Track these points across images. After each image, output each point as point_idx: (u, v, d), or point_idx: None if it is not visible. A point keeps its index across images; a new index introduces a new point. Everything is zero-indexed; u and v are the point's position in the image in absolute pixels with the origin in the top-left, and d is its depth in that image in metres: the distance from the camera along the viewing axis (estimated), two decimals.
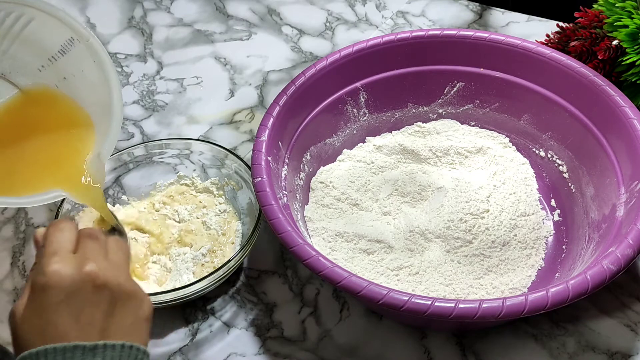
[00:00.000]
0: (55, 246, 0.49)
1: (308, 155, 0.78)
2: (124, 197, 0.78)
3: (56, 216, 0.71)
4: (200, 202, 0.78)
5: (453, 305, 0.57)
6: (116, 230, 0.65)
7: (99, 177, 0.66)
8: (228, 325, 0.71)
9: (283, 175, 0.72)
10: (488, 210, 0.73)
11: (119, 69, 0.99)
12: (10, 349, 0.70)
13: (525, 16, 1.01)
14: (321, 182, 0.78)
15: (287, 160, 0.74)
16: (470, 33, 0.78)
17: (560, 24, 0.82)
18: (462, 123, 0.83)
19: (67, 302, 0.47)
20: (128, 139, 0.90)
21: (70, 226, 0.51)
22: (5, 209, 0.83)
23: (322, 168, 0.79)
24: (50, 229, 0.51)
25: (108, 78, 0.67)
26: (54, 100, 0.70)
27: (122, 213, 0.76)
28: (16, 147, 0.68)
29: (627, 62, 0.74)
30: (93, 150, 0.67)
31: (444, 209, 0.73)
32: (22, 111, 0.70)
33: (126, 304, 0.49)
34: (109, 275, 0.48)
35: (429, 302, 0.57)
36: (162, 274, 0.72)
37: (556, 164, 0.77)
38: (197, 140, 0.79)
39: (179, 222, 0.76)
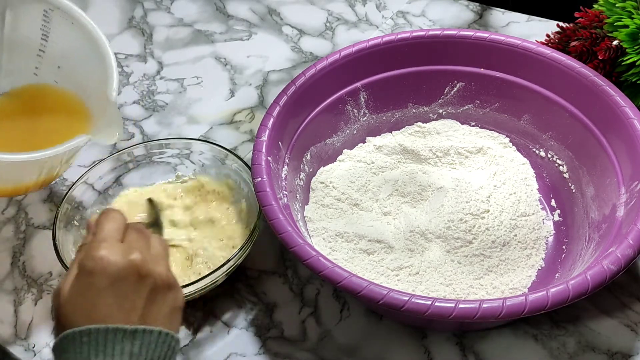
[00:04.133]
0: (105, 233, 0.52)
1: (308, 155, 0.78)
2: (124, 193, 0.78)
3: (56, 216, 0.71)
4: (200, 202, 0.78)
5: (453, 305, 0.57)
6: (155, 224, 0.69)
7: (116, 117, 0.67)
8: (228, 325, 0.71)
9: (283, 175, 0.72)
10: (488, 211, 0.73)
11: (119, 69, 0.99)
12: (11, 349, 0.70)
13: (525, 16, 1.01)
14: (321, 182, 0.78)
15: (287, 161, 0.74)
16: (470, 33, 0.78)
17: (561, 24, 0.82)
18: (462, 123, 0.83)
19: (112, 287, 0.49)
20: (128, 139, 0.90)
21: (120, 217, 0.54)
22: (5, 208, 0.83)
23: (322, 168, 0.79)
24: (102, 216, 0.54)
25: (88, 30, 0.68)
26: (51, 93, 0.71)
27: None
28: (28, 124, 0.68)
29: (628, 62, 0.74)
30: (101, 95, 0.68)
31: (444, 209, 0.73)
32: (19, 103, 0.71)
33: (165, 293, 0.52)
34: (152, 265, 0.51)
35: (429, 302, 0.57)
36: None
37: (556, 164, 0.77)
38: (197, 140, 0.79)
39: (179, 222, 0.76)
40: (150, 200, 0.67)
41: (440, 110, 0.83)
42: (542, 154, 0.79)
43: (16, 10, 0.67)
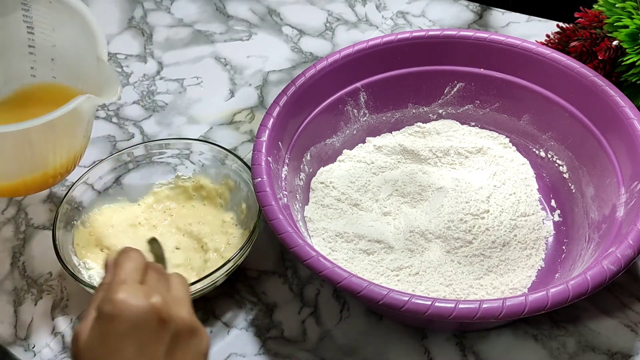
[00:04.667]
0: (125, 274, 0.49)
1: (308, 155, 0.78)
2: (122, 200, 0.78)
3: (56, 216, 0.71)
4: (200, 202, 0.78)
5: (453, 305, 0.57)
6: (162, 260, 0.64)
7: (112, 75, 0.66)
8: (228, 325, 0.71)
9: (283, 175, 0.72)
10: (488, 211, 0.73)
11: (119, 69, 0.99)
12: (10, 349, 0.70)
13: (525, 16, 1.01)
14: (321, 183, 0.78)
15: (287, 161, 0.74)
16: (470, 33, 0.78)
17: (561, 24, 0.82)
18: (462, 123, 0.83)
19: (132, 333, 0.46)
20: (128, 139, 0.90)
21: (140, 257, 0.51)
22: (5, 208, 0.83)
23: (322, 168, 0.79)
24: (121, 256, 0.51)
25: (66, 2, 0.68)
26: (49, 89, 0.71)
27: (128, 212, 0.76)
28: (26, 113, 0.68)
29: (627, 62, 0.74)
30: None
31: (444, 209, 0.73)
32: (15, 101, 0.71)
33: (188, 339, 0.49)
34: (174, 310, 0.48)
35: (429, 303, 0.57)
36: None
37: (556, 165, 0.77)
38: (197, 140, 0.79)
39: (179, 222, 0.76)
40: (153, 240, 0.66)
41: (440, 111, 0.83)
42: (542, 154, 0.79)
43: None
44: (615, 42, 0.75)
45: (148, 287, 0.49)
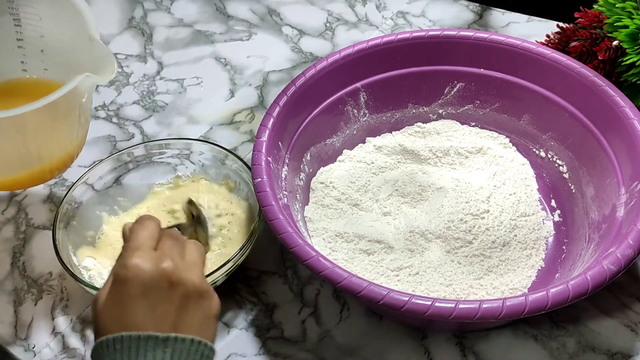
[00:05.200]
0: (139, 242, 0.52)
1: (308, 155, 0.78)
2: (122, 200, 0.78)
3: (56, 216, 0.71)
4: (200, 202, 0.78)
5: (453, 305, 0.57)
6: (197, 223, 0.67)
7: (106, 54, 0.66)
8: (228, 325, 0.71)
9: (283, 175, 0.72)
10: (488, 211, 0.73)
11: (119, 69, 0.99)
12: (11, 349, 0.70)
13: (525, 16, 1.01)
14: (321, 183, 0.78)
15: (287, 161, 0.74)
16: (470, 33, 0.78)
17: (561, 24, 0.82)
18: (462, 123, 0.83)
19: (144, 295, 0.49)
20: (128, 139, 0.90)
21: (154, 224, 0.54)
22: (5, 208, 0.83)
23: (322, 168, 0.79)
24: (135, 224, 0.54)
25: None
26: (39, 84, 0.70)
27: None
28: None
29: (627, 62, 0.74)
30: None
31: (444, 209, 0.73)
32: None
33: (198, 301, 0.51)
34: (184, 273, 0.51)
35: (429, 303, 0.57)
36: None
37: (556, 165, 0.77)
38: (197, 140, 0.79)
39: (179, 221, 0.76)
40: (190, 202, 0.68)
41: (440, 111, 0.83)
42: (542, 154, 0.79)
43: None
44: (615, 42, 0.75)
45: (161, 252, 0.52)
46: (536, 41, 0.80)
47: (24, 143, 0.66)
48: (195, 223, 0.67)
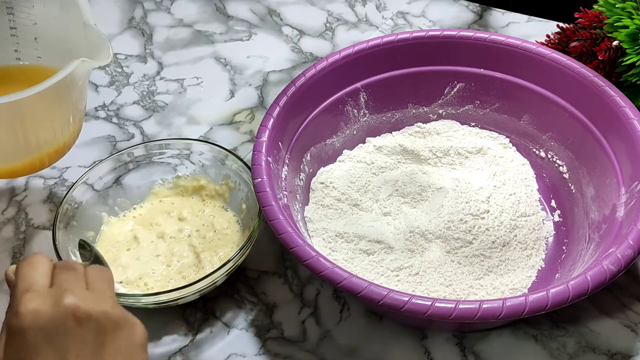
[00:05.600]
0: (28, 282, 0.45)
1: (308, 155, 0.78)
2: (122, 201, 0.78)
3: (56, 217, 0.71)
4: (200, 202, 0.78)
5: (453, 305, 0.57)
6: (97, 260, 0.61)
7: (101, 38, 0.65)
8: (228, 325, 0.71)
9: (283, 175, 0.72)
10: (488, 211, 0.73)
11: (119, 69, 0.99)
12: None
13: (525, 17, 1.01)
14: (321, 183, 0.78)
15: (287, 161, 0.74)
16: (470, 34, 0.79)
17: (561, 24, 0.82)
18: (462, 124, 0.83)
19: (48, 342, 0.42)
20: (128, 140, 0.90)
21: (43, 260, 0.47)
22: (5, 209, 0.83)
23: (322, 169, 0.79)
24: (20, 265, 0.47)
25: None
26: (34, 71, 0.70)
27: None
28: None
29: (627, 62, 0.74)
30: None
31: (444, 209, 0.73)
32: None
33: (116, 333, 0.45)
34: (91, 305, 0.44)
35: (429, 303, 0.57)
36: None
37: (556, 165, 0.77)
38: (197, 140, 0.79)
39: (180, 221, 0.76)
40: (82, 245, 0.62)
41: (440, 111, 0.83)
42: (542, 154, 0.79)
43: None
44: (615, 43, 0.75)
45: (58, 288, 0.45)
46: (536, 41, 0.80)
47: (21, 129, 0.64)
48: (94, 262, 0.59)
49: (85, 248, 0.62)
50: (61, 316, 0.43)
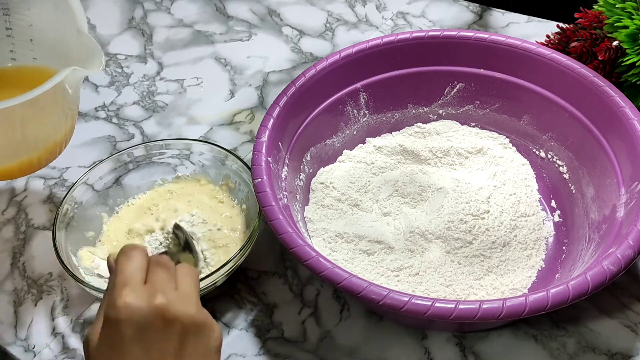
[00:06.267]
0: (126, 276, 0.49)
1: (308, 156, 0.78)
2: (122, 201, 0.78)
3: (56, 217, 0.71)
4: (200, 203, 0.78)
5: (453, 306, 0.57)
6: (186, 249, 0.66)
7: (94, 46, 0.65)
8: (228, 325, 0.71)
9: (283, 176, 0.72)
10: (488, 211, 0.73)
11: (119, 70, 0.99)
12: (10, 349, 0.70)
13: (525, 17, 1.02)
14: (321, 183, 0.78)
15: (287, 161, 0.74)
16: (470, 34, 0.78)
17: (561, 24, 0.82)
18: (462, 124, 0.83)
19: (138, 336, 0.47)
20: (128, 140, 0.90)
21: (140, 254, 0.51)
22: (5, 209, 0.83)
23: (322, 169, 0.79)
24: (121, 256, 0.50)
25: None
26: (32, 71, 0.70)
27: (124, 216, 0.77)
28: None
29: (627, 62, 0.74)
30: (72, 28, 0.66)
31: (444, 209, 0.73)
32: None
33: (197, 336, 0.48)
34: (179, 308, 0.48)
35: (429, 303, 0.57)
36: None
37: (556, 165, 0.77)
38: (197, 140, 0.79)
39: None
40: (177, 226, 0.66)
41: (440, 111, 0.83)
42: (542, 154, 0.79)
43: None
44: (615, 43, 0.75)
45: (151, 286, 0.48)
46: (536, 41, 0.80)
47: (12, 133, 0.65)
48: (184, 248, 0.65)
49: (179, 230, 0.66)
50: (152, 315, 0.47)
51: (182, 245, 0.66)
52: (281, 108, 0.73)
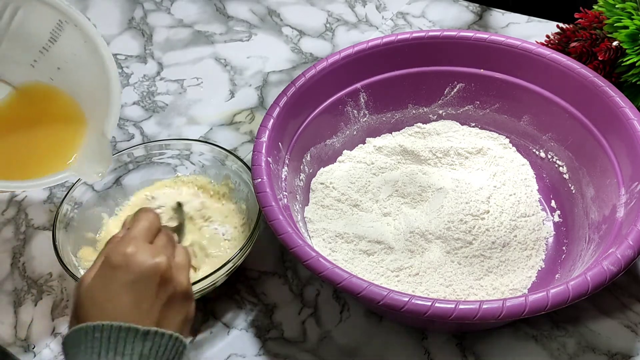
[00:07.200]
0: (137, 231, 0.53)
1: (308, 156, 0.78)
2: (122, 201, 0.78)
3: (56, 217, 0.71)
4: (200, 203, 0.78)
5: (453, 306, 0.57)
6: (178, 230, 0.70)
7: (106, 155, 0.67)
8: (228, 326, 0.71)
9: (283, 176, 0.72)
10: (488, 211, 0.73)
11: (119, 70, 0.99)
12: (10, 349, 0.70)
13: (525, 17, 1.02)
14: (321, 183, 0.78)
15: (287, 161, 0.74)
16: (470, 34, 0.78)
17: (560, 24, 0.82)
18: (462, 124, 0.83)
19: (133, 285, 0.50)
20: (128, 140, 0.90)
21: (155, 219, 0.55)
22: (5, 209, 0.83)
23: (322, 169, 0.79)
24: (138, 214, 0.55)
25: (101, 55, 0.67)
26: (49, 96, 0.70)
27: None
28: (12, 140, 0.68)
29: (627, 63, 0.74)
30: (95, 131, 0.67)
31: (444, 209, 0.73)
32: (17, 109, 0.70)
33: (183, 303, 0.53)
34: (175, 273, 0.52)
35: (429, 303, 0.57)
36: None
37: (556, 165, 0.77)
38: (197, 141, 0.79)
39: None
40: (179, 205, 0.69)
41: (440, 111, 0.83)
42: (542, 154, 0.79)
43: (29, 11, 0.65)
44: (615, 43, 0.75)
45: (155, 247, 0.52)
46: (536, 42, 0.80)
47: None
48: (176, 230, 0.69)
49: (179, 210, 0.69)
50: (152, 270, 0.50)
51: (176, 225, 0.69)
52: (281, 108, 0.73)
